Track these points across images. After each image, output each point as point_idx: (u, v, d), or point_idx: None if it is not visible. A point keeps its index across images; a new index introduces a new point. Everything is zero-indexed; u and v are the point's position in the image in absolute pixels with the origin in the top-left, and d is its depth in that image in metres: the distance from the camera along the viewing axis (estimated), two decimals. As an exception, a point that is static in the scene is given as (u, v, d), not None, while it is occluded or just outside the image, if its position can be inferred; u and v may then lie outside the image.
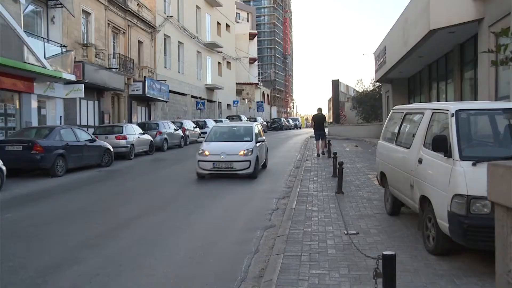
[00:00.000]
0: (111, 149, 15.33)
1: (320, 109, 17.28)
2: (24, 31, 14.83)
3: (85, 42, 20.15)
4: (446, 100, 14.59)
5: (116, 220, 7.27)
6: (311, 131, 44.35)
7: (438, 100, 15.58)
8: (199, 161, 11.60)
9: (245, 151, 11.45)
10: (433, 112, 5.56)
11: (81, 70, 18.26)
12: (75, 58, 18.12)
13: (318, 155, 16.76)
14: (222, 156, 11.38)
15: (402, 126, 6.69)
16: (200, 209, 8.12)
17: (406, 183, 5.83)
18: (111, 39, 23.01)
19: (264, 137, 13.63)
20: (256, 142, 12.04)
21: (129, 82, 23.97)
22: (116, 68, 22.24)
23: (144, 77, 24.98)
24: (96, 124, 20.93)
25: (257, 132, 12.77)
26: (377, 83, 30.66)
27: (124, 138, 17.10)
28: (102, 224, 7.03)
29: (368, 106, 32.27)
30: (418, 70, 18.83)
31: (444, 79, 15.42)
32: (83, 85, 18.05)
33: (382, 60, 20.51)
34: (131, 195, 9.70)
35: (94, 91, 20.89)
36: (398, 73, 19.68)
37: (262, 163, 12.85)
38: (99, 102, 21.51)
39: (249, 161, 11.37)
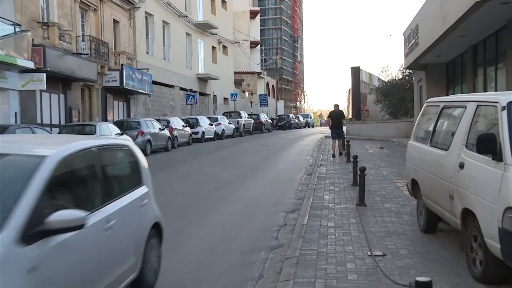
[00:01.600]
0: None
1: (337, 106, 18.59)
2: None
3: (46, 21, 20.13)
4: (496, 90, 14.53)
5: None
6: (326, 130, 44.42)
7: (485, 90, 15.54)
8: None
9: None
10: (478, 105, 5.57)
11: (42, 55, 18.23)
12: (33, 40, 18.09)
13: (333, 155, 17.69)
14: None
15: (439, 123, 6.70)
16: (191, 225, 8.13)
17: (444, 193, 5.83)
18: (79, 18, 23.11)
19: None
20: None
21: (103, 71, 24.05)
22: (87, 54, 22.33)
23: (122, 65, 25.05)
24: (62, 122, 21.01)
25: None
26: (407, 71, 30.62)
27: (97, 139, 17.16)
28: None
29: (396, 98, 32.25)
30: (459, 53, 18.80)
31: (493, 64, 15.35)
32: (44, 75, 18.07)
33: (413, 41, 20.52)
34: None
35: (59, 82, 20.97)
36: (433, 57, 19.67)
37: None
38: (65, 95, 21.59)
39: None
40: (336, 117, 18.27)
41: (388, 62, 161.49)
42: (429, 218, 6.73)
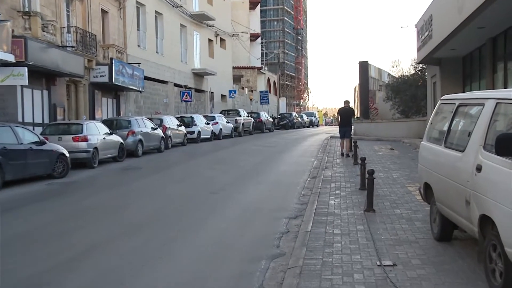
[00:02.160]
0: (67, 155, 15.40)
1: (347, 102, 19.29)
2: None
3: (27, 10, 20.08)
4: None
5: (73, 249, 7.29)
6: (331, 130, 44.44)
7: (505, 86, 15.49)
8: None
9: None
10: (497, 103, 5.56)
11: (23, 47, 18.17)
12: (13, 31, 18.00)
13: (342, 154, 18.64)
14: None
15: (454, 122, 6.70)
16: (186, 233, 8.15)
17: (460, 198, 5.83)
18: (64, 7, 23.11)
19: None
20: None
21: (90, 65, 24.06)
22: (72, 47, 22.33)
23: (111, 58, 25.07)
24: (46, 121, 21.02)
25: None
26: (420, 65, 30.66)
27: (85, 139, 17.19)
28: (53, 255, 7.04)
29: (408, 95, 32.28)
30: (477, 46, 18.78)
31: (515, 58, 15.33)
32: (26, 69, 18.01)
33: (427, 34, 20.53)
34: (93, 216, 9.73)
35: (42, 77, 20.98)
36: (449, 51, 19.67)
37: None
38: (49, 91, 21.60)
39: None
40: (345, 114, 18.74)
41: (399, 57, 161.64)
42: (443, 225, 6.73)
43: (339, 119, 18.97)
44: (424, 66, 29.37)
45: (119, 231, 8.31)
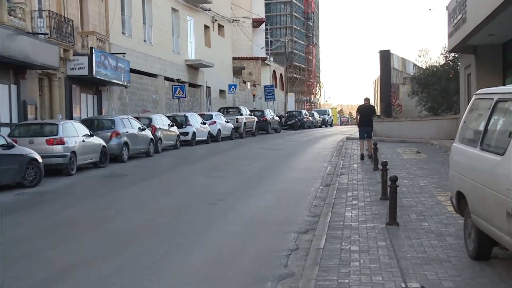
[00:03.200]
0: (40, 160, 15.42)
1: (367, 99, 20.06)
2: None
3: (-12, -9, 20.12)
4: None
5: (46, 270, 7.30)
6: (347, 130, 44.38)
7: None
8: None
9: None
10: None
11: (-15, 35, 18.29)
12: (-29, 16, 18.07)
13: (362, 157, 19.10)
14: None
15: (492, 120, 6.69)
16: (179, 249, 8.16)
17: (500, 210, 5.82)
18: (36, -12, 23.17)
19: None
20: None
21: (66, 55, 24.12)
22: (45, 34, 22.38)
23: (91, 48, 25.12)
24: (15, 121, 21.07)
25: None
26: (452, 54, 30.57)
27: (60, 142, 17.21)
28: (23, 278, 7.05)
29: (437, 90, 32.19)
30: (521, 30, 18.72)
31: None
32: (-10, 60, 18.12)
33: (460, 17, 20.50)
34: (70, 231, 9.75)
35: (10, 69, 21.03)
36: (486, 36, 19.62)
37: None
38: (18, 86, 21.65)
39: None
40: (365, 112, 19.23)
41: (427, 44, 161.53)
42: (480, 241, 6.71)
43: (359, 118, 19.40)
44: (456, 55, 29.27)
45: (101, 249, 8.31)
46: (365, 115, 19.19)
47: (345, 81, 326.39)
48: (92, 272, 7.14)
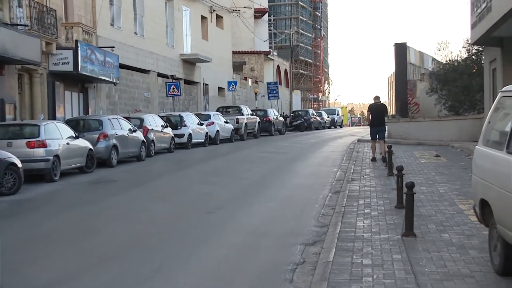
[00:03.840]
0: (19, 165, 15.42)
1: (377, 98, 20.45)
2: None
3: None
4: None
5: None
6: (358, 131, 44.35)
7: None
8: None
9: None
10: None
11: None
12: None
13: (373, 159, 19.52)
14: None
15: (520, 120, 6.66)
16: (172, 264, 8.14)
17: (528, 219, 5.79)
18: (15, -25, 23.16)
19: None
20: None
21: (49, 49, 24.11)
22: (25, 25, 22.36)
23: (76, 41, 25.13)
24: (-7, 121, 21.05)
25: None
26: (475, 47, 30.54)
27: (42, 145, 17.18)
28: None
29: (459, 86, 32.15)
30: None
31: None
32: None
33: (484, 5, 20.46)
34: (53, 244, 9.72)
35: (-13, 65, 21.03)
36: (513, 27, 19.58)
37: None
38: (-4, 84, 21.64)
39: None
40: (377, 112, 19.51)
41: (448, 36, 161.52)
42: (507, 254, 6.67)
43: (370, 118, 19.63)
44: (480, 48, 29.22)
45: (87, 264, 8.26)
46: (377, 114, 19.44)
47: (357, 77, 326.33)
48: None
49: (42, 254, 9.00)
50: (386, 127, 23.74)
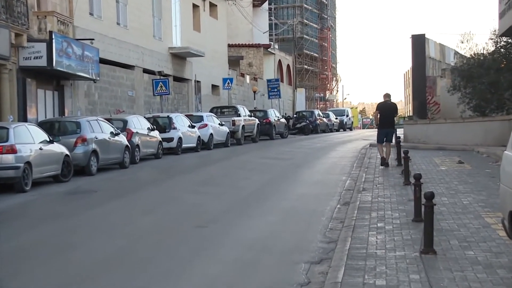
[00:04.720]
0: (-15, 173, 15.40)
1: (388, 95, 20.36)
2: None
3: None
4: None
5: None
6: (371, 135, 44.36)
7: None
8: None
9: None
10: None
11: None
12: None
13: (385, 163, 19.65)
14: None
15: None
16: (160, 282, 8.14)
17: None
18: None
19: None
20: None
21: (19, 41, 24.10)
22: (-7, 15, 22.39)
23: (50, 32, 25.13)
24: (-44, 123, 21.05)
25: None
26: (503, 39, 30.57)
27: (12, 151, 17.16)
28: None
29: (485, 84, 32.13)
30: None
31: None
32: None
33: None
34: (23, 262, 9.68)
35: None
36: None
37: None
38: (-39, 81, 21.65)
39: None
40: (386, 111, 19.42)
41: (472, 27, 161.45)
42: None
43: (379, 118, 19.57)
44: (509, 40, 29.27)
45: (63, 283, 8.25)
46: (386, 114, 19.37)
47: (369, 74, 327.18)
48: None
49: (11, 274, 8.86)
50: (402, 131, 23.66)
